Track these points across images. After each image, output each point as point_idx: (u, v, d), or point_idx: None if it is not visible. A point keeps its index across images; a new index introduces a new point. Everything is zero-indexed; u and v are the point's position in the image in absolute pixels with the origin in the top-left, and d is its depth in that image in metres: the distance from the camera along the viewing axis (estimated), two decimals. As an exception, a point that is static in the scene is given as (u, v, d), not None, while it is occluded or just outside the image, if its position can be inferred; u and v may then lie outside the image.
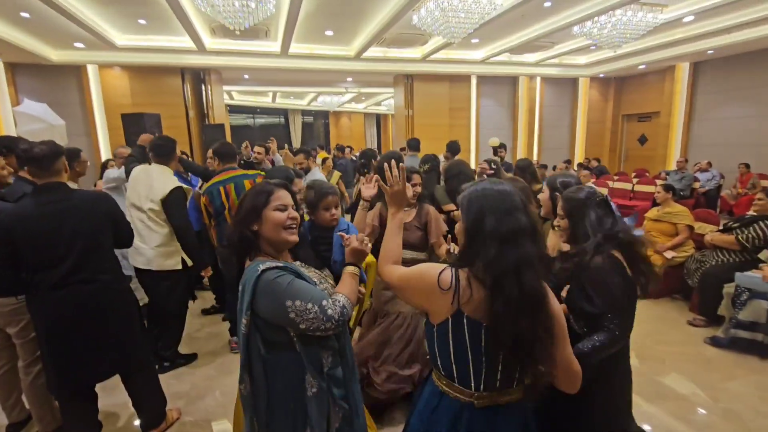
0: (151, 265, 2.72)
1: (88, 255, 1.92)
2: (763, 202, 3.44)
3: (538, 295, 1.04)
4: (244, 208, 1.29)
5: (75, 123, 7.32)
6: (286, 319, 1.16)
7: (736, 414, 2.40)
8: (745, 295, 3.04)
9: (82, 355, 1.92)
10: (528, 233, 1.08)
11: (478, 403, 1.12)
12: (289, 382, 1.23)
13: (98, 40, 6.27)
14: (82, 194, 2.02)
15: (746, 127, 8.19)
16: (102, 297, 1.96)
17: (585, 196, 1.53)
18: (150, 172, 2.79)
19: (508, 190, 1.13)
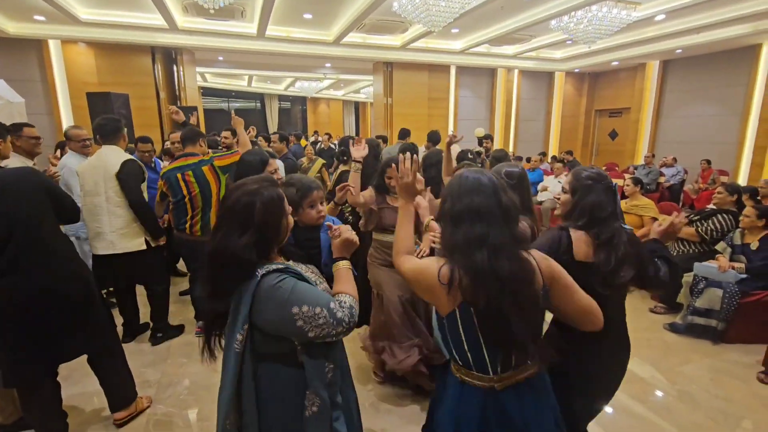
0: (115, 249, 2.70)
1: (32, 238, 1.80)
2: (722, 195, 3.63)
3: (507, 275, 1.06)
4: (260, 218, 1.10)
5: (36, 101, 6.91)
6: (293, 329, 1.05)
7: (690, 395, 2.56)
8: (702, 284, 3.21)
9: (39, 341, 1.83)
10: (486, 213, 1.09)
11: (499, 385, 1.14)
12: (287, 404, 1.12)
13: (60, 12, 5.91)
14: (10, 173, 1.86)
15: (709, 126, 8.57)
16: (56, 279, 1.85)
17: (596, 177, 1.48)
18: (101, 155, 2.72)
19: (479, 176, 1.15)
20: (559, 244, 1.42)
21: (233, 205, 1.11)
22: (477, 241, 1.07)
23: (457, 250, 1.10)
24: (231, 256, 1.06)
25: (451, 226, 1.12)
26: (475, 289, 1.06)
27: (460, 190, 1.13)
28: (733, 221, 3.46)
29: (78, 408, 2.38)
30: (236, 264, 1.07)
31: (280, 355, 1.12)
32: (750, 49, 7.62)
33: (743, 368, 2.84)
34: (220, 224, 1.12)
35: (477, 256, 1.06)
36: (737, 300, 3.06)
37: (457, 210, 1.11)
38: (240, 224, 1.09)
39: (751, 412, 2.41)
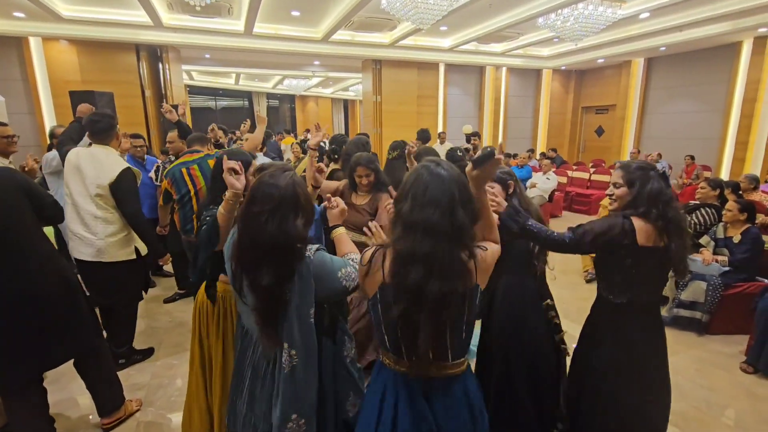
0: (102, 257, 2.39)
1: (9, 238, 1.74)
2: (705, 190, 3.71)
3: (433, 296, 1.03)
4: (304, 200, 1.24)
5: (16, 100, 6.75)
6: (339, 289, 1.26)
7: (675, 386, 2.58)
8: (686, 277, 3.28)
9: (21, 346, 1.77)
10: (439, 231, 1.04)
11: (412, 373, 1.15)
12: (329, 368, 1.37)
13: (41, 9, 5.77)
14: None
15: (692, 122, 8.74)
16: (36, 281, 1.79)
17: (648, 166, 1.58)
18: (93, 155, 2.42)
19: (444, 178, 1.08)
20: (620, 230, 1.48)
21: (275, 193, 1.19)
22: (421, 257, 1.04)
23: (400, 257, 1.07)
24: (294, 238, 1.19)
25: (401, 229, 1.08)
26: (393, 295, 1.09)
27: (422, 199, 1.06)
28: (716, 215, 3.54)
29: (65, 413, 2.34)
30: (298, 245, 1.21)
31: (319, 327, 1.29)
32: (730, 47, 7.78)
33: (727, 358, 2.91)
34: (266, 213, 1.17)
35: (413, 270, 1.03)
36: (720, 292, 3.13)
37: (413, 219, 1.06)
38: (292, 209, 1.20)
39: (734, 400, 2.48)
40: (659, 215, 1.47)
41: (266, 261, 1.18)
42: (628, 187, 1.57)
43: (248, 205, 1.21)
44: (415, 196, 1.07)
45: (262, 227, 1.16)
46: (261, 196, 1.20)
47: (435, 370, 1.14)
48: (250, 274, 1.20)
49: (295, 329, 1.20)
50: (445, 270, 1.04)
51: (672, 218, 1.48)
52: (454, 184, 1.08)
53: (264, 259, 1.18)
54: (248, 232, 1.19)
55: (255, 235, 1.18)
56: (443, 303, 1.05)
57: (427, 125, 8.45)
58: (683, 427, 2.24)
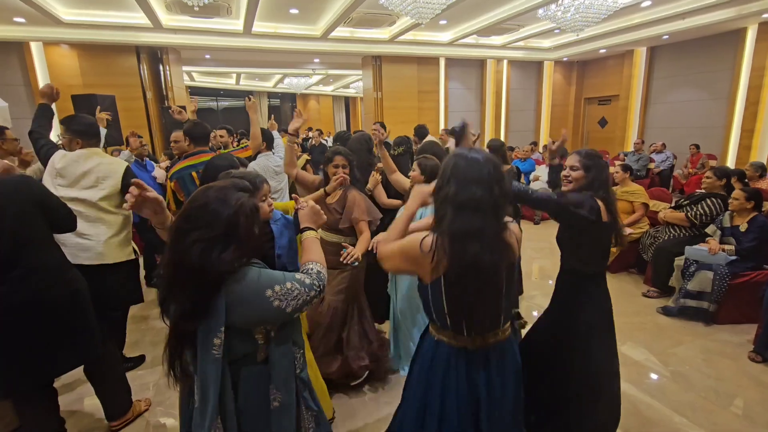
0: (104, 259, 2.34)
1: (20, 249, 1.76)
2: (711, 180, 3.67)
3: (481, 267, 1.16)
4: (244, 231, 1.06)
5: (19, 105, 6.79)
6: (271, 311, 1.06)
7: (683, 376, 2.60)
8: (693, 267, 3.26)
9: (29, 354, 1.80)
10: (485, 207, 1.16)
11: (472, 346, 1.27)
12: (254, 400, 1.14)
13: (41, 14, 5.79)
14: (3, 183, 1.80)
15: (697, 111, 8.66)
16: (45, 291, 1.81)
17: (598, 154, 1.78)
18: (89, 158, 2.34)
19: (480, 160, 1.19)
20: (590, 207, 1.64)
21: (213, 216, 1.03)
22: (475, 233, 1.15)
23: (455, 238, 1.16)
24: (217, 272, 1.01)
25: (452, 211, 1.17)
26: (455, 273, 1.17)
27: (465, 177, 1.18)
28: (721, 204, 3.51)
29: (77, 413, 2.37)
30: (220, 278, 1.03)
31: (246, 356, 1.13)
32: (735, 34, 7.69)
33: (734, 348, 2.89)
34: (195, 235, 1.01)
35: (471, 247, 1.14)
36: (727, 281, 3.11)
37: (461, 199, 1.17)
38: (224, 238, 1.03)
39: (742, 389, 2.46)
40: (605, 197, 1.70)
41: (179, 288, 1.03)
42: (584, 172, 1.74)
43: (179, 219, 1.06)
44: (459, 179, 1.18)
45: (184, 250, 1.01)
46: (195, 212, 1.05)
47: (491, 338, 1.28)
48: (168, 298, 1.07)
49: (199, 362, 1.05)
50: (495, 243, 1.17)
51: (613, 199, 1.72)
52: (489, 164, 1.19)
53: (177, 285, 1.03)
54: (171, 249, 1.05)
55: (175, 257, 1.03)
56: (497, 274, 1.18)
57: (428, 120, 8.43)
58: (691, 417, 2.23)
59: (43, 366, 1.86)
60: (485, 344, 1.27)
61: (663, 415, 2.25)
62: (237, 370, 1.12)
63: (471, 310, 1.22)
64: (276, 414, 1.15)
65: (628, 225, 4.15)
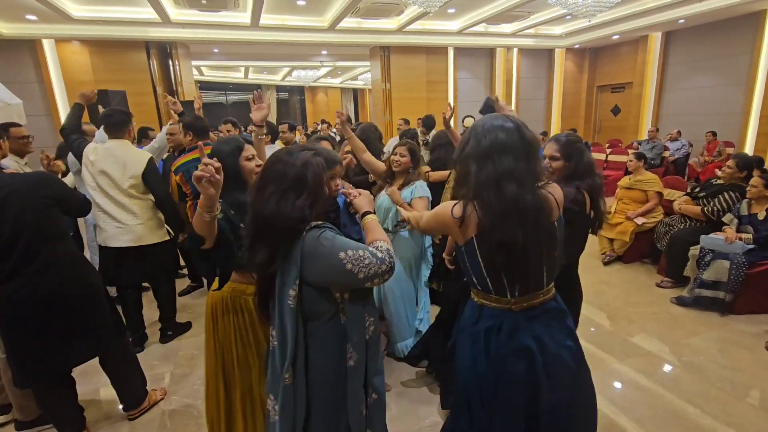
0: (142, 241, 2.69)
1: (38, 243, 1.81)
2: (731, 171, 3.56)
3: (530, 208, 1.15)
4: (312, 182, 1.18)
5: (34, 102, 6.91)
6: (344, 273, 1.11)
7: (698, 367, 2.57)
8: (709, 257, 3.20)
9: (46, 345, 1.85)
10: (511, 151, 1.17)
11: (516, 307, 1.26)
12: (330, 359, 1.21)
13: (52, 11, 5.86)
14: (19, 179, 1.85)
15: (714, 97, 8.42)
16: (62, 284, 1.86)
17: (578, 138, 1.73)
18: (114, 151, 2.61)
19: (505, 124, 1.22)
20: (573, 197, 1.60)
21: (284, 169, 1.17)
22: (506, 174, 1.14)
23: (486, 186, 1.15)
24: (291, 218, 1.13)
25: (476, 165, 1.18)
26: (492, 223, 1.15)
27: (484, 129, 1.20)
28: (739, 198, 3.41)
29: (95, 401, 2.43)
30: (296, 225, 1.14)
31: (324, 314, 1.20)
32: (754, 16, 7.44)
33: (751, 338, 2.84)
34: (270, 189, 1.16)
35: (508, 188, 1.13)
36: (744, 271, 3.04)
37: (483, 147, 1.17)
38: (295, 188, 1.16)
39: (759, 380, 2.42)
40: (592, 184, 1.66)
41: (262, 238, 1.17)
42: (565, 161, 1.70)
43: (257, 180, 1.23)
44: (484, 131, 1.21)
45: (263, 202, 1.16)
46: (269, 170, 1.21)
47: (536, 299, 1.27)
48: (249, 250, 1.20)
49: (276, 310, 1.18)
50: (529, 181, 1.16)
51: (599, 185, 1.67)
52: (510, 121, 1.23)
53: (261, 235, 1.17)
54: (252, 205, 1.19)
55: (256, 210, 1.18)
56: (538, 236, 1.16)
57: (437, 111, 8.32)
58: (705, 408, 2.20)
59: (59, 357, 1.91)
60: (531, 305, 1.26)
61: (676, 406, 2.23)
62: (315, 326, 1.20)
63: (510, 267, 1.20)
64: (351, 372, 1.22)
65: (641, 214, 4.09)
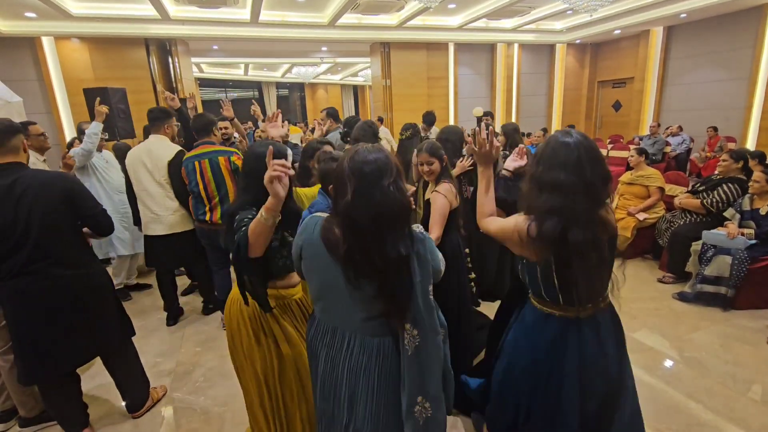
0: (175, 229, 3.03)
1: (48, 239, 1.81)
2: (726, 163, 3.56)
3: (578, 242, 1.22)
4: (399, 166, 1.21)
5: (33, 100, 6.90)
6: (438, 269, 1.24)
7: (699, 362, 2.57)
8: (711, 252, 3.19)
9: (51, 343, 1.86)
10: (575, 190, 1.23)
11: (583, 314, 1.34)
12: None
13: (51, 8, 5.84)
14: (36, 174, 1.86)
15: (716, 91, 8.38)
16: (69, 283, 1.87)
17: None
18: (149, 144, 3.02)
19: (570, 144, 1.26)
20: None
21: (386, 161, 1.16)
22: (553, 211, 1.23)
23: (536, 212, 1.27)
24: (409, 206, 1.17)
25: (536, 190, 1.28)
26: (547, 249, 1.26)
27: (551, 162, 1.27)
28: (738, 189, 3.41)
29: (99, 399, 2.44)
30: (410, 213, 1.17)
31: None
32: (756, 10, 7.39)
33: (753, 333, 2.84)
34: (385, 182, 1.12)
35: (548, 223, 1.23)
36: (747, 266, 3.04)
37: (545, 180, 1.27)
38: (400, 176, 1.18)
39: (761, 375, 2.42)
40: None
41: (392, 232, 1.11)
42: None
43: (360, 180, 1.12)
44: (545, 162, 1.29)
45: (386, 196, 1.11)
46: (374, 168, 1.12)
47: (597, 305, 1.37)
48: (373, 253, 1.11)
49: (420, 307, 1.13)
50: (582, 217, 1.22)
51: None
52: (580, 147, 1.25)
53: (390, 230, 1.11)
54: (368, 206, 1.10)
55: (379, 207, 1.10)
56: (598, 248, 1.24)
57: (437, 107, 8.33)
58: (707, 403, 2.21)
59: (66, 355, 1.92)
60: (594, 312, 1.36)
61: (678, 401, 2.23)
62: None
63: (580, 283, 1.28)
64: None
65: (643, 210, 4.08)
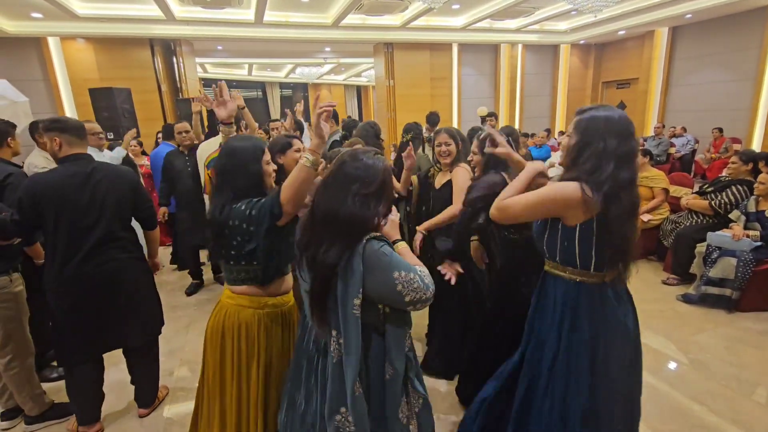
0: None
1: (116, 224, 1.94)
2: (736, 165, 3.54)
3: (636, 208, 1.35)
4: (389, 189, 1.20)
5: (39, 100, 6.94)
6: (393, 293, 1.09)
7: (704, 364, 2.56)
8: (715, 254, 3.18)
9: (95, 325, 1.95)
10: (634, 158, 1.32)
11: (608, 279, 1.41)
12: (375, 368, 1.19)
13: (57, 9, 5.88)
14: (109, 166, 2.05)
15: (721, 92, 8.33)
16: (131, 266, 2.02)
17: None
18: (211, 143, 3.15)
19: (626, 117, 1.33)
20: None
21: (372, 173, 1.15)
22: (632, 183, 1.30)
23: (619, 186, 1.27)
24: (369, 221, 1.13)
25: (614, 164, 1.27)
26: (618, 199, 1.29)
27: (625, 132, 1.31)
28: (747, 192, 3.38)
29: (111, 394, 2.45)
30: (368, 228, 1.14)
31: (371, 324, 1.18)
32: (762, 11, 7.34)
33: (758, 335, 2.82)
34: (353, 190, 1.12)
35: (631, 194, 1.30)
36: (752, 268, 3.02)
37: (623, 151, 1.29)
38: (377, 193, 1.15)
39: (766, 377, 2.41)
40: None
41: (334, 237, 1.12)
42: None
43: (335, 177, 1.17)
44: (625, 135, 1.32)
45: (340, 202, 1.12)
46: (353, 170, 1.15)
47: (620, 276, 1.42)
48: (312, 249, 1.15)
49: (340, 317, 1.12)
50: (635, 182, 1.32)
51: None
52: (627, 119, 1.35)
53: (333, 234, 1.12)
54: (328, 203, 1.14)
55: (334, 209, 1.13)
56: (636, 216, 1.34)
57: (441, 108, 8.32)
58: (711, 406, 2.20)
59: (107, 337, 2.02)
60: (614, 277, 1.41)
61: (682, 404, 2.22)
62: (367, 335, 1.17)
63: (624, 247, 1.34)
64: (389, 385, 1.20)
65: (647, 211, 4.06)
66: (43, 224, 1.84)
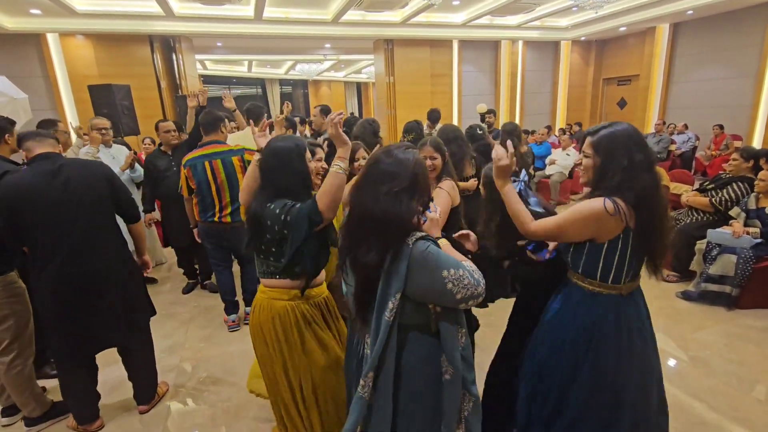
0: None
1: (94, 223, 1.91)
2: (737, 162, 3.53)
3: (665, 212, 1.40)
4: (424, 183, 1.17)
5: (38, 97, 6.92)
6: (443, 292, 1.07)
7: (703, 361, 2.56)
8: (715, 251, 3.17)
9: (94, 322, 1.94)
10: (655, 163, 1.38)
11: (625, 291, 1.45)
12: (425, 372, 1.17)
13: (56, 5, 5.85)
14: (75, 161, 2.01)
15: (722, 89, 8.31)
16: (114, 265, 1.98)
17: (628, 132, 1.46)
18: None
19: (636, 129, 1.38)
20: None
21: (401, 169, 1.13)
22: (657, 186, 1.36)
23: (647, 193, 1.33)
24: (405, 219, 1.11)
25: (642, 174, 1.33)
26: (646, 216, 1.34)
27: (643, 143, 1.36)
28: (748, 189, 3.38)
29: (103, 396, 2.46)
30: (407, 227, 1.12)
31: (419, 326, 1.16)
32: (763, 7, 7.32)
33: (758, 332, 2.83)
34: (384, 189, 1.11)
35: (660, 195, 1.37)
36: (752, 265, 3.02)
37: (649, 161, 1.35)
38: (409, 190, 1.13)
39: (765, 375, 2.41)
40: None
41: (372, 237, 1.11)
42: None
43: (366, 176, 1.16)
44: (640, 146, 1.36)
45: (376, 201, 1.11)
46: (383, 167, 1.14)
47: (636, 281, 1.49)
48: (353, 251, 1.15)
49: (374, 316, 1.12)
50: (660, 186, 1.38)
51: None
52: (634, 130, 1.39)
53: (370, 235, 1.11)
54: (362, 203, 1.14)
55: (368, 208, 1.12)
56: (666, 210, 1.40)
57: (441, 105, 8.31)
58: (711, 403, 2.20)
59: (103, 334, 2.00)
60: (632, 289, 1.47)
61: (682, 401, 2.23)
62: (405, 336, 1.16)
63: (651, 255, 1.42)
64: (448, 386, 1.17)
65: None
66: (23, 226, 1.82)
